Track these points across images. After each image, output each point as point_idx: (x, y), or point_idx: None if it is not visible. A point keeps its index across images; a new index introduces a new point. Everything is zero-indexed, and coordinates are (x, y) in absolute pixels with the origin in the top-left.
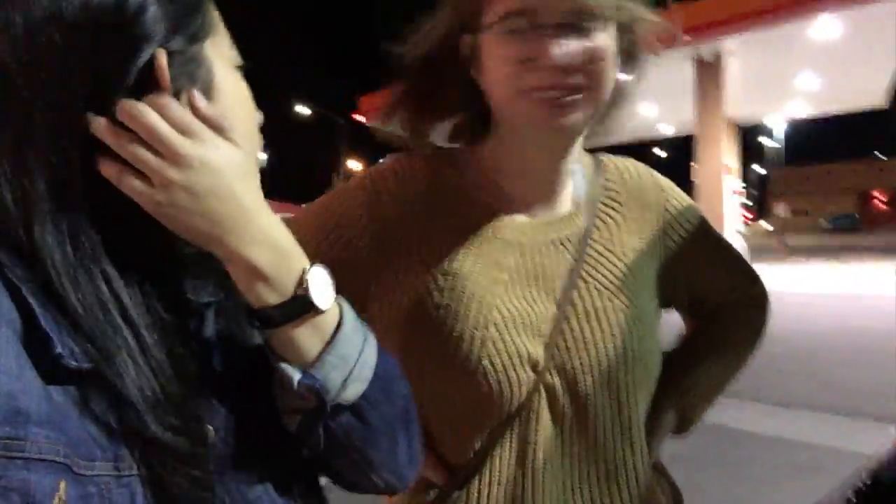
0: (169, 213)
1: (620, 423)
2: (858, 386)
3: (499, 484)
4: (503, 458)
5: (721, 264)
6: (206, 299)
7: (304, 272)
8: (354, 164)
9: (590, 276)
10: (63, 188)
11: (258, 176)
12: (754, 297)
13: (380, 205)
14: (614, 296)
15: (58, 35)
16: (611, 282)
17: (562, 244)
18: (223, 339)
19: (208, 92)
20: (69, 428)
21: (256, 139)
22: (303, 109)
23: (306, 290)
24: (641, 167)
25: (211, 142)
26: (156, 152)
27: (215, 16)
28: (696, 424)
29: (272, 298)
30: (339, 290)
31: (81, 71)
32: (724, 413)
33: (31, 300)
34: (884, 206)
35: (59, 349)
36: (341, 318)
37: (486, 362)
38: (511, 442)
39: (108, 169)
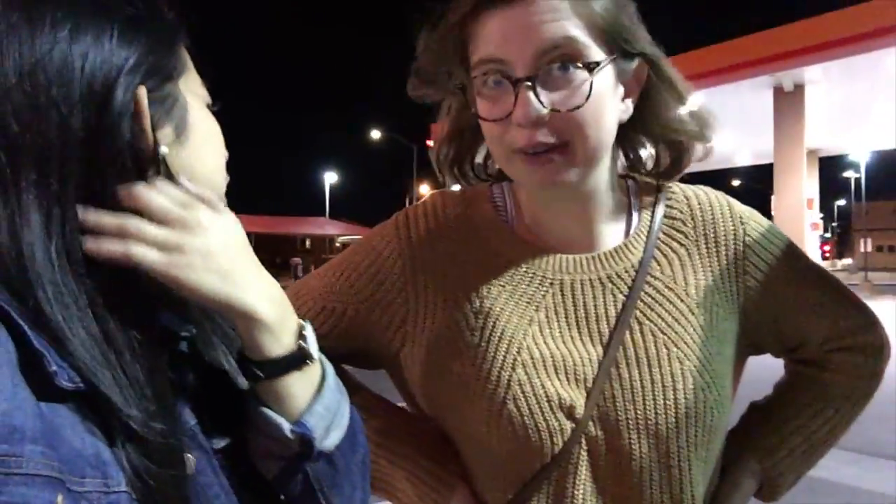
0: (184, 275)
1: (670, 486)
2: None
3: None
4: None
5: (821, 306)
6: (184, 332)
7: (301, 325)
8: (425, 189)
9: (645, 317)
10: (53, 224)
11: None
12: (867, 342)
13: (411, 244)
14: (672, 342)
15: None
16: (669, 325)
17: (611, 282)
18: (200, 368)
19: (183, 129)
20: (61, 445)
21: (223, 176)
22: (376, 134)
23: (305, 340)
24: (716, 195)
25: (213, 208)
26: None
27: (186, 56)
28: (786, 490)
29: (276, 350)
30: (374, 328)
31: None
32: None
33: (21, 322)
34: None
35: (52, 367)
36: (324, 369)
37: (511, 405)
38: (547, 495)
39: (110, 250)
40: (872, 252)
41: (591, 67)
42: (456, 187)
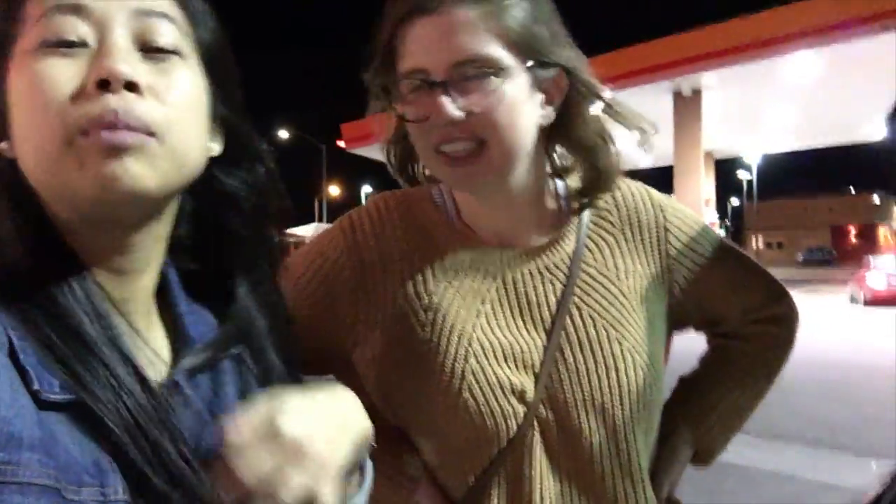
0: None
1: (619, 458)
2: (840, 420)
3: None
4: (499, 494)
5: (737, 280)
6: (230, 352)
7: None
8: (335, 190)
9: (583, 303)
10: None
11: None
12: (778, 315)
13: (357, 246)
14: (610, 324)
15: None
16: (605, 309)
17: (549, 271)
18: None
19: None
20: (59, 453)
21: (48, 117)
22: (284, 134)
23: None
24: (636, 186)
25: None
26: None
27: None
28: (718, 454)
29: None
30: (327, 331)
31: None
32: None
33: (11, 334)
34: (856, 240)
35: (35, 385)
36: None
37: (466, 394)
38: (506, 477)
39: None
40: (763, 248)
41: (502, 74)
42: (368, 188)
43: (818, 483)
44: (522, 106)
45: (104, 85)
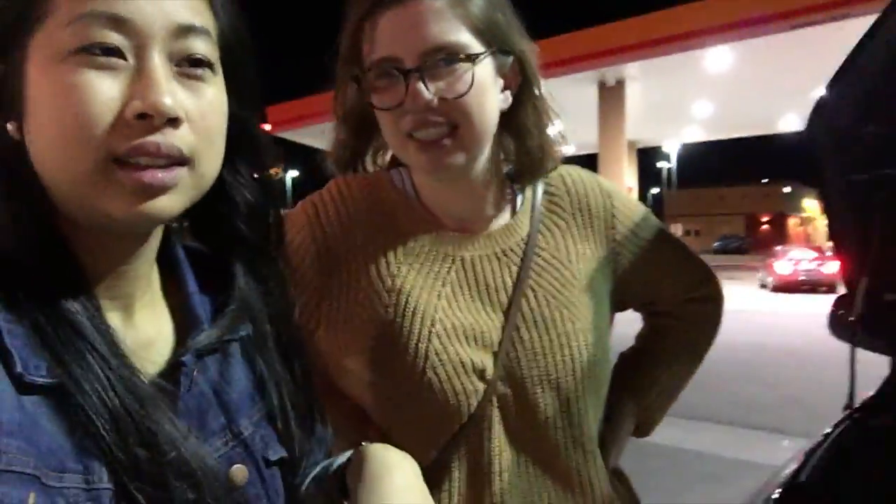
0: None
1: (572, 430)
2: (755, 400)
3: (457, 493)
4: (460, 467)
5: (673, 264)
6: (238, 334)
7: None
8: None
9: (538, 285)
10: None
11: None
12: (707, 294)
13: (321, 228)
14: (563, 305)
15: None
16: (559, 290)
17: (505, 255)
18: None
19: (18, 108)
20: (40, 438)
21: (86, 139)
22: None
23: None
24: (587, 173)
25: None
26: None
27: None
28: (656, 426)
29: None
30: None
31: None
32: None
33: None
34: (768, 229)
35: (18, 368)
36: None
37: (430, 373)
38: (466, 451)
39: None
40: (682, 235)
41: (472, 59)
42: (294, 173)
43: (736, 461)
44: (489, 91)
45: (145, 117)
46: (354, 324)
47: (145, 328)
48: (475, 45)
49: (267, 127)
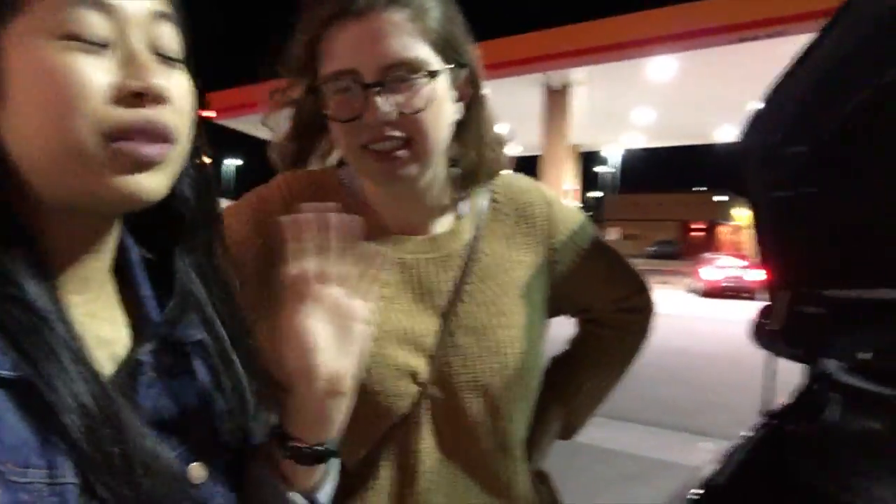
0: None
1: (498, 435)
2: (679, 402)
3: (382, 491)
4: (387, 466)
5: (609, 274)
6: (195, 338)
7: None
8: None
9: (477, 290)
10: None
11: None
12: (640, 305)
13: (265, 223)
14: (500, 312)
15: None
16: (497, 297)
17: (447, 260)
18: (212, 380)
19: (1, 89)
20: (3, 433)
21: (77, 115)
22: None
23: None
24: (530, 182)
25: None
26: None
27: None
28: (580, 429)
29: (323, 437)
30: None
31: None
32: None
33: None
34: (700, 236)
35: None
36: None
37: (363, 374)
38: (394, 451)
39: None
40: (621, 240)
41: (432, 75)
42: (237, 161)
43: (659, 461)
44: (444, 105)
45: (138, 95)
46: None
47: (103, 327)
48: (434, 61)
49: (211, 114)
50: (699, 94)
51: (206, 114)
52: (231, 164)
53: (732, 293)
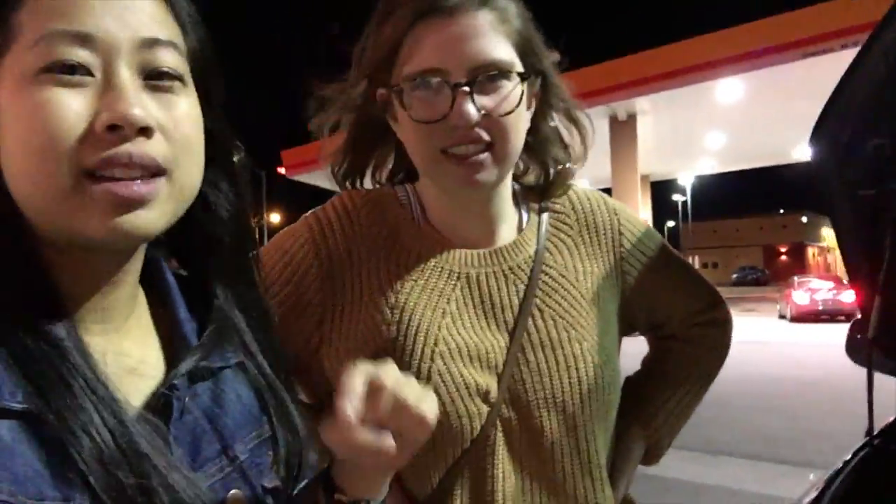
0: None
1: (580, 457)
2: (775, 433)
3: None
4: (463, 493)
5: (681, 286)
6: (233, 361)
7: None
8: (276, 217)
9: (545, 304)
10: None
11: None
12: (716, 318)
13: (325, 243)
14: (571, 325)
15: None
16: (566, 310)
17: (512, 273)
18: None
19: None
20: (16, 465)
21: (56, 155)
22: None
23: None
24: (592, 192)
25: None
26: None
27: (18, 20)
28: (664, 453)
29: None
30: (293, 331)
31: None
32: None
33: None
34: (786, 259)
35: None
36: None
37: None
38: (469, 477)
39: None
40: (700, 268)
41: (522, 77)
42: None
43: (759, 495)
44: (523, 110)
45: (115, 128)
46: (356, 342)
47: (133, 354)
48: (517, 64)
49: (282, 171)
50: (772, 113)
51: (280, 171)
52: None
53: (828, 317)
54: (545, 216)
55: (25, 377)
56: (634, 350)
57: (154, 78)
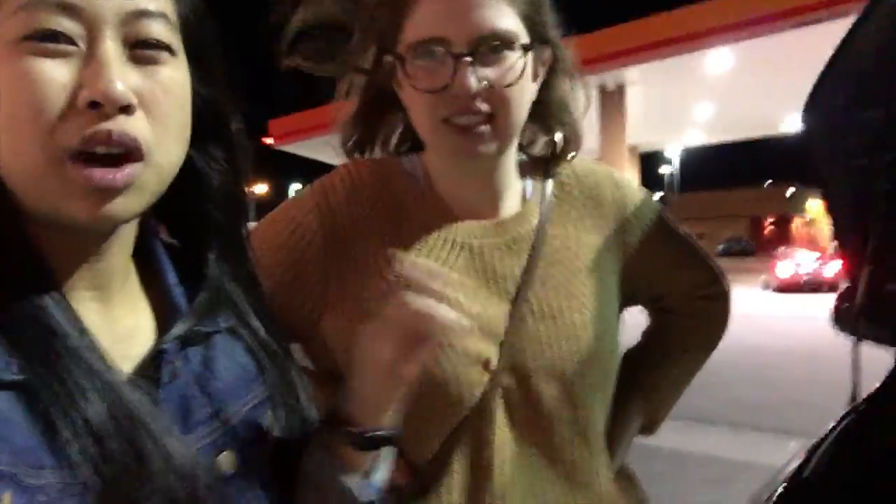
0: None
1: (577, 425)
2: (759, 402)
3: (458, 485)
4: (461, 460)
5: (682, 260)
6: (224, 325)
7: None
8: (261, 188)
9: (547, 274)
10: None
11: None
12: (716, 292)
13: (330, 211)
14: (572, 295)
15: None
16: (567, 281)
17: (515, 244)
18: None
19: None
20: (15, 434)
21: (36, 129)
22: None
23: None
24: (597, 164)
25: None
26: None
27: None
28: (661, 423)
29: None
30: (296, 298)
31: None
32: None
33: None
34: (772, 231)
35: None
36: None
37: (433, 363)
38: (468, 444)
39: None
40: None
41: (524, 49)
42: (297, 186)
43: (742, 462)
44: (527, 81)
45: (96, 105)
46: (360, 310)
47: (124, 322)
48: (523, 35)
49: (269, 141)
50: (759, 84)
51: (266, 141)
52: (294, 188)
53: (811, 288)
54: (549, 187)
55: (15, 347)
56: (634, 322)
57: (140, 48)
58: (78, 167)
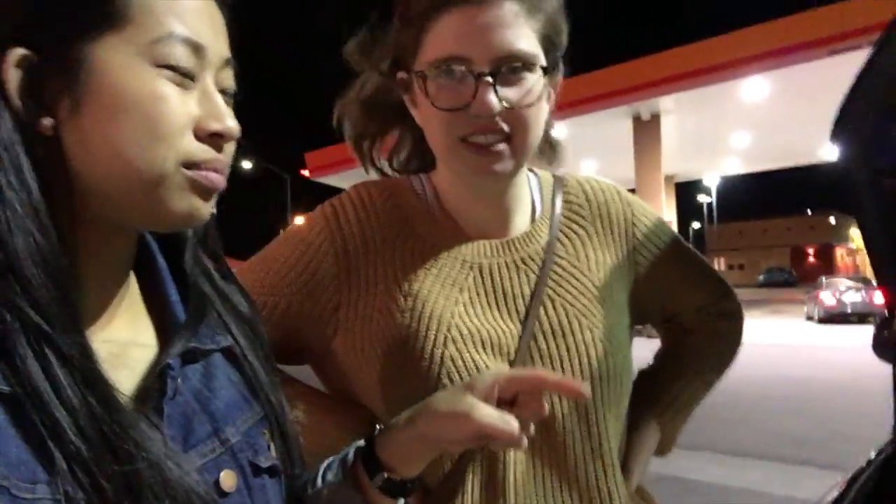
0: None
1: (591, 444)
2: (803, 435)
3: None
4: (473, 479)
5: (693, 278)
6: (223, 344)
7: None
8: (300, 220)
9: (556, 293)
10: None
11: None
12: (729, 309)
13: (341, 231)
14: (581, 314)
15: None
16: (577, 299)
17: (524, 263)
18: (235, 383)
19: (80, 98)
20: (7, 448)
21: (168, 144)
22: (248, 164)
23: None
24: (606, 183)
25: None
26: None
27: (130, 3)
28: (674, 444)
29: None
30: (307, 319)
31: None
32: (674, 463)
33: None
34: (814, 260)
35: None
36: None
37: (445, 380)
38: (481, 462)
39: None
40: (725, 270)
41: (536, 71)
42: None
43: (784, 497)
44: (544, 102)
45: (216, 135)
46: (370, 329)
47: (124, 334)
48: (541, 57)
49: (306, 173)
50: (796, 112)
51: (304, 173)
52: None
53: (856, 318)
54: (559, 206)
55: (4, 359)
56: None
57: (224, 94)
58: (196, 171)
